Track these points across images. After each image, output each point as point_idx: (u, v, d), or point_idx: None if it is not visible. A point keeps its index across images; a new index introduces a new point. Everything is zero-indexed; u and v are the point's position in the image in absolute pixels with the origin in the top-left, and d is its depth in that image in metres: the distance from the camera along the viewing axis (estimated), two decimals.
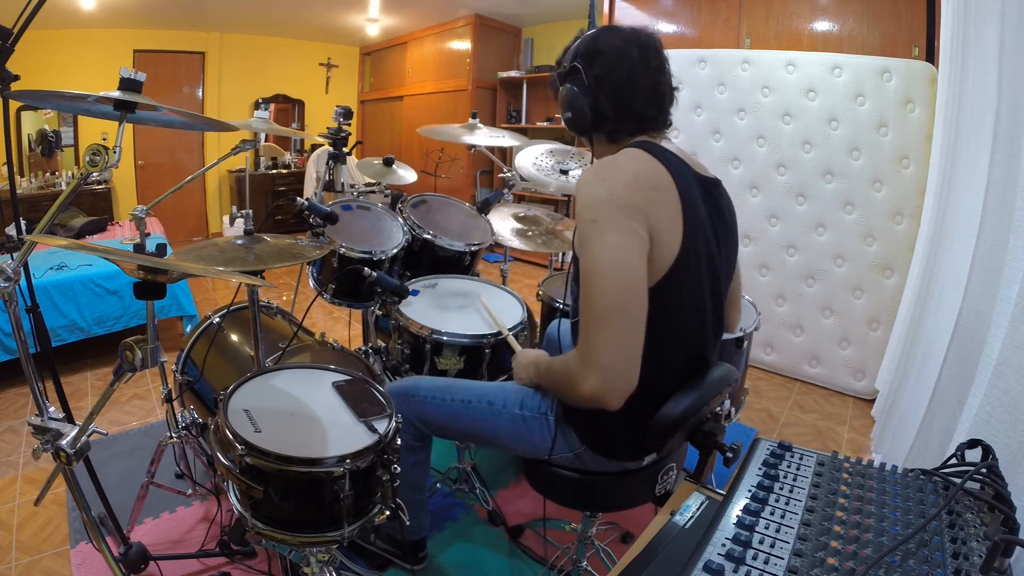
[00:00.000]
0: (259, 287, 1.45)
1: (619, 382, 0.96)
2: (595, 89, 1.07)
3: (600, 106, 1.08)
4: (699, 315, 1.10)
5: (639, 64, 1.06)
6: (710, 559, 0.64)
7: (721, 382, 1.13)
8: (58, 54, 4.95)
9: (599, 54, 1.07)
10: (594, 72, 1.06)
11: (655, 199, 1.00)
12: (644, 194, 0.99)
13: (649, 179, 1.01)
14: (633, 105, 1.08)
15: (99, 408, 1.04)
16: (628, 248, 0.95)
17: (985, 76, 1.49)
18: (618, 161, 1.04)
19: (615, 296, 0.94)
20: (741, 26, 3.38)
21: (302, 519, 1.06)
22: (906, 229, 2.70)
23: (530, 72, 5.44)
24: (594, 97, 1.07)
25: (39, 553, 1.72)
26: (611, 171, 1.02)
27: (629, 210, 0.96)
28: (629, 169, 1.02)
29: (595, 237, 0.96)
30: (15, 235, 1.43)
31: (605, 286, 0.94)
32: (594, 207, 0.98)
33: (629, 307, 0.94)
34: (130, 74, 1.05)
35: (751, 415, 2.75)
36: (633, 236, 0.96)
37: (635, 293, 0.95)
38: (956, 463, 0.80)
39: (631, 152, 1.06)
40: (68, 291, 2.82)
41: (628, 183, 0.99)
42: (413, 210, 2.08)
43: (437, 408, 1.30)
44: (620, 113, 1.09)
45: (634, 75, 1.06)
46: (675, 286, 1.02)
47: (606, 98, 1.07)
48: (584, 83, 1.07)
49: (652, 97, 1.09)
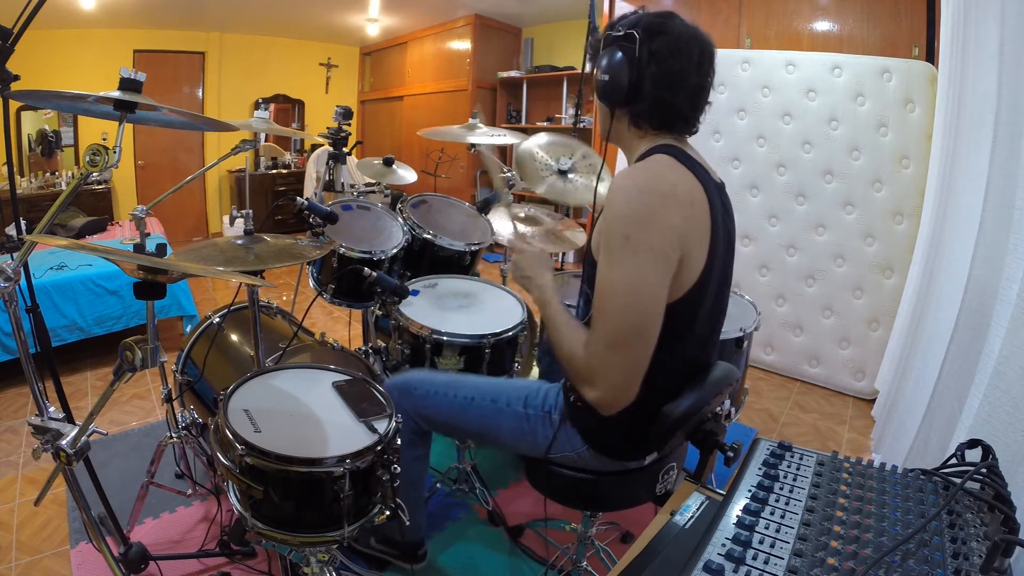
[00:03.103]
0: (259, 287, 1.45)
1: (621, 398, 0.99)
2: (645, 65, 1.01)
3: (643, 84, 1.02)
4: (710, 324, 1.11)
5: (695, 63, 1.02)
6: (710, 559, 0.64)
7: (722, 382, 1.13)
8: (58, 54, 4.95)
9: (663, 34, 1.01)
10: (651, 48, 1.00)
11: (691, 217, 0.97)
12: (682, 212, 0.96)
13: (687, 195, 0.98)
14: (674, 98, 1.04)
15: (99, 408, 1.04)
16: (656, 273, 0.94)
17: (985, 76, 1.49)
18: (656, 170, 1.00)
19: (635, 320, 0.94)
20: (741, 26, 3.38)
21: (302, 519, 1.06)
22: (906, 229, 2.70)
23: (530, 72, 5.44)
24: (640, 73, 1.01)
25: (39, 553, 1.72)
26: (651, 181, 0.98)
27: (665, 232, 0.94)
28: (669, 183, 0.98)
29: (625, 255, 0.94)
30: (15, 235, 1.44)
31: (628, 308, 0.94)
32: (630, 222, 0.94)
33: (646, 332, 0.95)
34: (130, 74, 1.05)
35: (751, 415, 2.75)
36: (663, 260, 0.94)
37: (654, 318, 0.95)
38: (956, 463, 0.80)
39: (665, 160, 1.02)
40: (68, 291, 2.82)
41: (668, 200, 0.96)
42: (413, 210, 2.08)
43: (439, 404, 1.30)
44: (657, 100, 1.04)
45: (687, 71, 1.02)
46: (695, 300, 1.02)
47: (651, 79, 1.01)
48: (634, 54, 1.00)
49: (692, 99, 1.05)
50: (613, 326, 0.95)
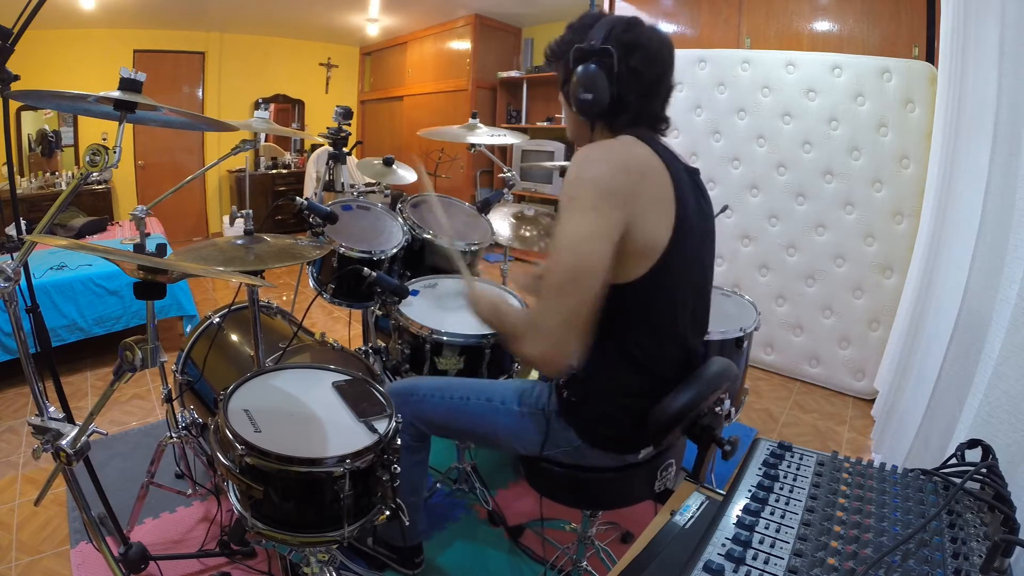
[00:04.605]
0: (259, 287, 1.45)
1: (556, 351, 0.97)
2: (626, 80, 1.04)
3: (625, 98, 1.05)
4: (693, 307, 1.11)
5: (669, 67, 1.07)
6: (710, 559, 0.64)
7: (720, 377, 1.13)
8: (58, 54, 4.95)
9: (640, 48, 1.03)
10: (631, 64, 1.03)
11: (642, 183, 1.00)
12: (631, 178, 0.99)
13: (639, 165, 1.02)
14: (653, 105, 1.08)
15: (99, 408, 1.04)
16: (596, 230, 0.96)
17: (985, 76, 1.49)
18: (612, 145, 1.05)
19: (571, 270, 0.95)
20: (741, 26, 3.38)
21: (302, 519, 1.06)
22: (906, 229, 2.70)
23: (530, 72, 5.44)
24: (621, 87, 1.04)
25: (39, 553, 1.72)
26: (602, 153, 1.02)
27: (610, 195, 0.97)
28: (620, 153, 1.02)
29: (569, 213, 0.98)
30: (15, 235, 1.44)
31: (565, 259, 0.96)
32: (577, 185, 0.99)
33: (577, 284, 0.95)
34: (130, 74, 1.05)
35: (751, 415, 2.75)
36: (604, 221, 0.96)
37: (592, 271, 0.95)
38: (956, 463, 0.80)
39: (626, 139, 1.06)
40: (68, 291, 2.82)
41: (616, 167, 0.99)
42: (413, 210, 2.08)
43: (436, 406, 1.30)
44: (640, 109, 1.08)
45: (664, 77, 1.07)
46: (669, 275, 1.03)
47: (634, 93, 1.05)
48: (614, 71, 1.03)
49: (665, 99, 1.10)
50: (553, 277, 0.97)
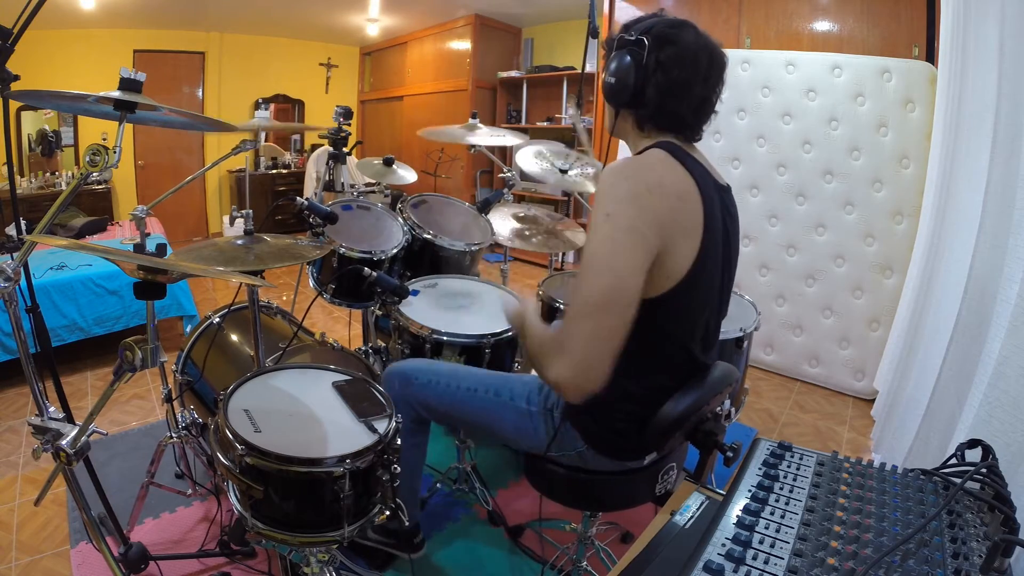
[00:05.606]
0: (259, 287, 1.45)
1: (585, 377, 0.93)
2: (651, 72, 1.03)
3: (647, 90, 1.04)
4: (706, 323, 1.10)
5: (702, 74, 1.04)
6: (710, 559, 0.64)
7: (721, 382, 1.13)
8: (58, 54, 4.95)
9: (672, 44, 1.03)
10: (659, 57, 1.02)
11: (677, 210, 0.98)
12: (667, 203, 0.97)
13: (675, 188, 0.99)
14: (677, 106, 1.06)
15: (99, 408, 1.04)
16: (631, 250, 0.94)
17: (985, 76, 1.49)
18: (647, 161, 1.03)
19: (603, 292, 0.93)
20: (741, 26, 3.38)
21: (302, 519, 1.06)
22: (906, 229, 2.70)
23: (530, 72, 5.44)
24: (645, 79, 1.04)
25: (39, 553, 1.72)
26: (638, 171, 1.00)
27: (646, 215, 0.95)
28: (657, 173, 1.00)
29: (603, 230, 0.95)
30: (15, 235, 1.43)
31: (597, 281, 0.93)
32: (612, 201, 0.96)
33: (613, 307, 0.93)
34: (130, 74, 1.05)
35: (751, 415, 2.75)
36: (640, 241, 0.94)
37: (624, 294, 0.93)
38: (956, 463, 0.80)
39: (659, 155, 1.04)
40: (68, 291, 2.82)
41: (653, 188, 0.97)
42: (413, 210, 2.08)
43: (441, 394, 1.30)
44: (661, 106, 1.06)
45: (693, 81, 1.05)
46: (687, 296, 1.01)
47: (656, 86, 1.04)
48: (642, 60, 1.03)
49: (696, 108, 1.08)
50: (584, 296, 0.94)
